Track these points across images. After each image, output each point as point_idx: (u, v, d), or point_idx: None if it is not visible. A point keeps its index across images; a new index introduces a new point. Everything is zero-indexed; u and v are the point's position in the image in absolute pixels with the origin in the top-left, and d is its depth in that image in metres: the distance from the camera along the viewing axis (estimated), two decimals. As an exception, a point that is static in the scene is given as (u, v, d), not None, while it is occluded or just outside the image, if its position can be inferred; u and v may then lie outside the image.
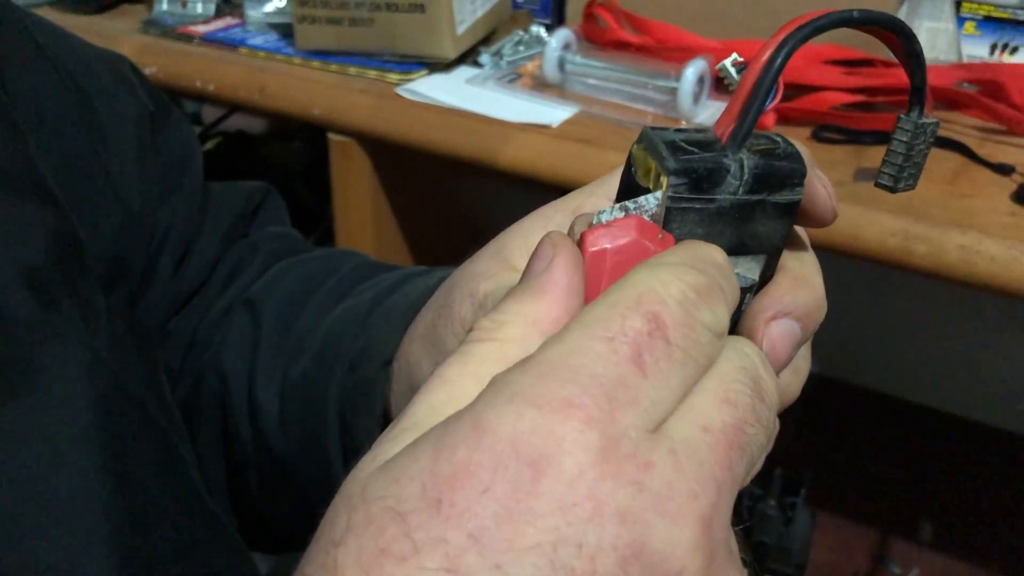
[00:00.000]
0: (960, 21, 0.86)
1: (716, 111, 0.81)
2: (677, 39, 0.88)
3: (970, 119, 0.79)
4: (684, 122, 0.80)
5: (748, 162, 0.24)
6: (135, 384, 0.33)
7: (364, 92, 0.86)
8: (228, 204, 0.50)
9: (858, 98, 0.79)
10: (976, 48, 0.86)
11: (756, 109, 0.24)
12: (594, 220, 0.24)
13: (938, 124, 0.27)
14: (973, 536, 1.24)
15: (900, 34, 0.25)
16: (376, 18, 0.88)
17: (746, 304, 0.26)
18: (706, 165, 0.24)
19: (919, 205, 0.67)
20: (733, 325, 0.24)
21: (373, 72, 0.90)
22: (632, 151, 0.25)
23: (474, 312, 0.31)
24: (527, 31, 0.96)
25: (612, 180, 0.30)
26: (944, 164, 0.73)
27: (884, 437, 1.39)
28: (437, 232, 1.05)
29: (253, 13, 1.01)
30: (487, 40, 0.95)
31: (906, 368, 1.40)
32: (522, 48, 0.94)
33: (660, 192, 0.24)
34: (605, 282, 0.23)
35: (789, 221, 0.26)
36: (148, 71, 0.93)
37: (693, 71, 0.78)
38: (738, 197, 0.24)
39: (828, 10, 0.24)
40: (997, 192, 0.69)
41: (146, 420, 0.33)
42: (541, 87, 0.87)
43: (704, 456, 0.20)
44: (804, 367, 0.31)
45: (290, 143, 1.37)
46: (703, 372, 0.22)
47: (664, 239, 0.23)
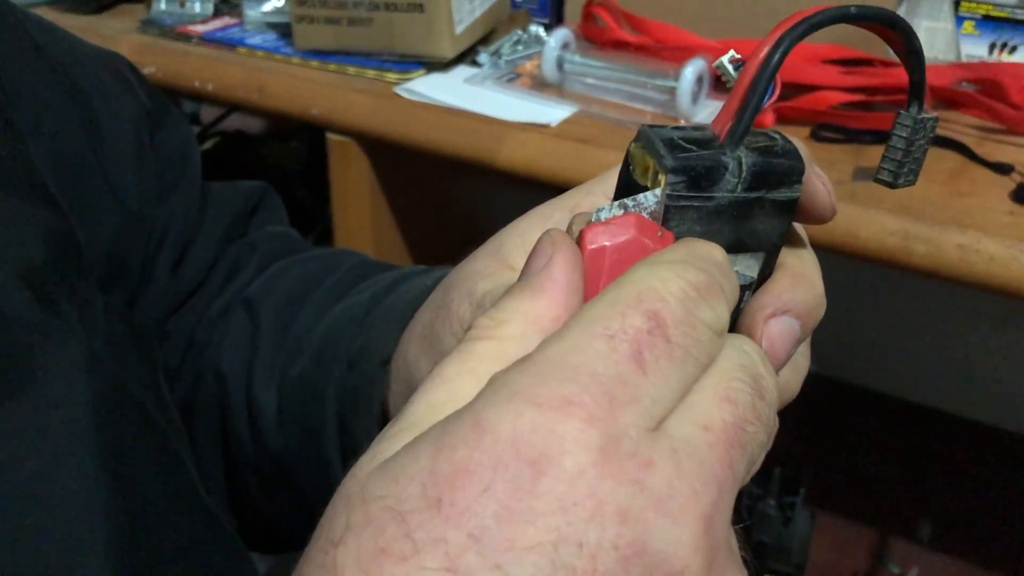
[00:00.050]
0: (959, 20, 0.86)
1: (715, 111, 0.80)
2: (676, 39, 0.88)
3: (969, 118, 0.79)
4: (683, 121, 0.80)
5: (746, 159, 0.24)
6: (134, 384, 0.33)
7: (363, 92, 0.86)
8: (226, 204, 0.50)
9: (857, 97, 0.79)
10: (975, 47, 0.86)
11: (754, 106, 0.24)
12: (593, 218, 0.24)
13: (937, 119, 0.27)
14: (972, 536, 1.24)
15: (898, 29, 0.25)
16: (374, 18, 0.88)
17: (745, 302, 0.26)
18: (704, 163, 0.24)
19: (918, 204, 0.67)
20: (732, 323, 0.24)
21: (372, 72, 0.90)
22: (630, 149, 0.25)
23: (472, 311, 0.31)
24: (526, 30, 0.96)
25: (610, 178, 0.30)
26: (943, 163, 0.73)
27: (883, 437, 1.39)
28: (435, 231, 1.05)
29: (251, 13, 1.01)
30: (486, 40, 0.95)
31: (905, 368, 1.40)
32: (521, 48, 0.94)
33: (659, 190, 0.23)
34: (604, 280, 0.22)
35: (788, 218, 0.26)
36: (146, 71, 0.93)
37: (692, 70, 0.78)
38: (736, 194, 0.24)
39: (825, 6, 0.24)
40: (996, 191, 0.69)
41: (145, 420, 0.33)
42: (540, 86, 0.87)
43: (705, 455, 0.20)
44: (804, 364, 0.31)
45: (288, 143, 1.36)
46: (703, 370, 0.21)
47: (663, 237, 0.23)
